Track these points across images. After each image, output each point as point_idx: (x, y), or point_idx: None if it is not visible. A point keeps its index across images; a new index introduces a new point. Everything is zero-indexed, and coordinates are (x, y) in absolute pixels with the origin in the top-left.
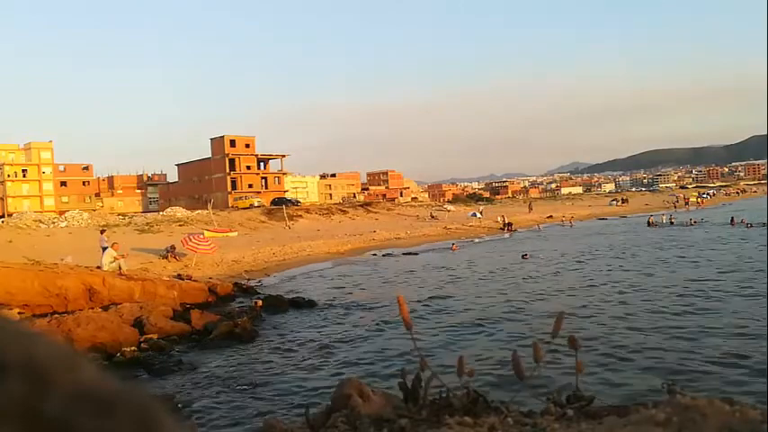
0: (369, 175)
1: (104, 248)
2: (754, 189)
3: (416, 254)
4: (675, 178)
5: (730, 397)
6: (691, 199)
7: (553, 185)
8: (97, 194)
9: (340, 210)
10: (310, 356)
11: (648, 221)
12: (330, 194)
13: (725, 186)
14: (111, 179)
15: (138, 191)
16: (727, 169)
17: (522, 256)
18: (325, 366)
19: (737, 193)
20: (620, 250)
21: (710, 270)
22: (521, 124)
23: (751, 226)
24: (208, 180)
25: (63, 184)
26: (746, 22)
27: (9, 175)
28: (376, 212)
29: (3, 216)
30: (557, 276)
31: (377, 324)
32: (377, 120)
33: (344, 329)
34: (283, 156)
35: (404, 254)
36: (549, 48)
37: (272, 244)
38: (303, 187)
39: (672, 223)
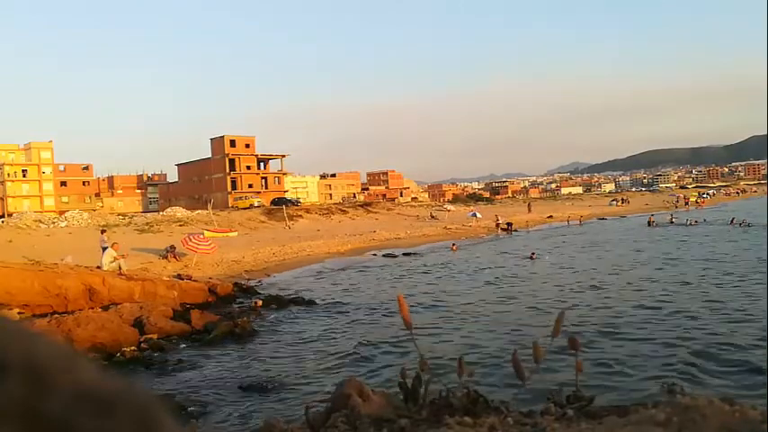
0: (369, 175)
1: (104, 248)
2: (754, 189)
3: (416, 254)
4: (675, 178)
5: (730, 397)
6: (691, 199)
7: (553, 185)
8: (97, 194)
9: (340, 210)
10: (310, 356)
11: (649, 221)
12: (330, 194)
13: (725, 186)
14: (111, 179)
15: (138, 191)
16: (727, 169)
17: (531, 255)
18: (324, 366)
19: (737, 192)
20: (622, 249)
21: (711, 269)
22: (521, 124)
23: (742, 225)
24: (208, 180)
25: (63, 184)
26: (746, 22)
27: (9, 175)
28: (376, 212)
29: (3, 216)
30: (558, 275)
31: (376, 324)
32: (377, 120)
33: (344, 329)
34: (283, 156)
35: (404, 254)
36: (549, 48)
37: (272, 244)
38: (303, 187)
39: (672, 222)
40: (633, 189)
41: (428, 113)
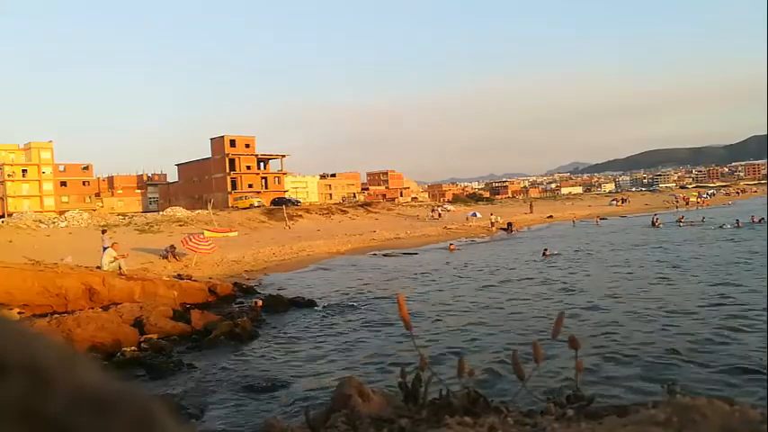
0: (369, 175)
1: (105, 248)
2: (754, 189)
3: (416, 254)
4: (675, 178)
5: (730, 397)
6: (691, 199)
7: (553, 185)
8: (97, 194)
9: (340, 210)
10: (310, 356)
11: (652, 222)
12: (330, 194)
13: (725, 186)
14: (111, 179)
15: (138, 191)
16: (727, 169)
17: (544, 252)
18: (324, 366)
19: (737, 192)
20: (624, 249)
21: (712, 269)
22: (521, 124)
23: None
24: (208, 180)
25: (63, 184)
26: (746, 22)
27: (9, 175)
28: (376, 212)
29: (3, 216)
30: (557, 274)
31: (376, 324)
32: (377, 120)
33: (344, 329)
34: (283, 156)
35: (404, 254)
36: (549, 47)
37: (272, 244)
38: (303, 187)
39: (679, 221)
40: (633, 189)
41: (428, 113)
